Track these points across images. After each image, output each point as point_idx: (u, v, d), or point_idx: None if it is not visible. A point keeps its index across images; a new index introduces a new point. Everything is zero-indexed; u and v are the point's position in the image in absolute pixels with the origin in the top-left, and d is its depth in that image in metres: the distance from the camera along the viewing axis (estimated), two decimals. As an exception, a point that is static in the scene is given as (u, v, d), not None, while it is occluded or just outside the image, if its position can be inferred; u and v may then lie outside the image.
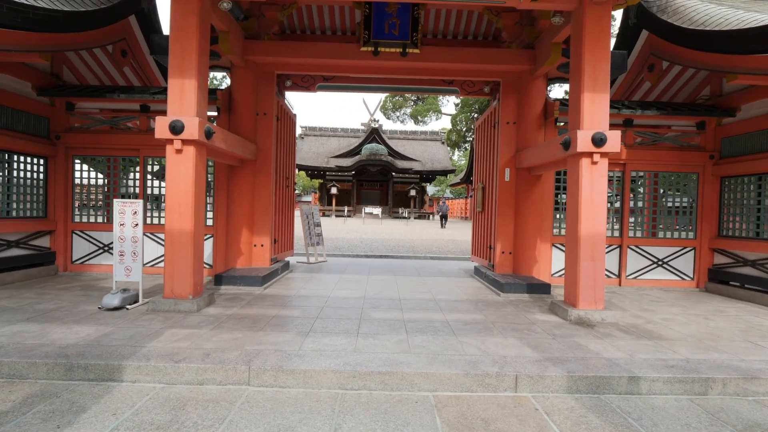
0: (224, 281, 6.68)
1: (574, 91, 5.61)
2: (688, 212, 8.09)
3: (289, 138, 9.18)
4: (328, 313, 5.38)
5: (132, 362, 3.61)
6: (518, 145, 7.70)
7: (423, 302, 6.16)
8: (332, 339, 4.35)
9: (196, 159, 5.38)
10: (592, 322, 5.29)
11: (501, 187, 7.74)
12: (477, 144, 9.65)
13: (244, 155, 7.15)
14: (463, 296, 6.69)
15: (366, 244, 15.30)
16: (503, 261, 7.73)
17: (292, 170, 9.46)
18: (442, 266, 10.27)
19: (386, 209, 39.07)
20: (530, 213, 7.61)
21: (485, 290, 7.23)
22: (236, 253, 7.52)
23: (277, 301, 6.01)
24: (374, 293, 6.71)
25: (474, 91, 9.33)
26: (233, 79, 7.63)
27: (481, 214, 8.92)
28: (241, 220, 7.54)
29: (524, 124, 7.68)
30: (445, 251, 14.08)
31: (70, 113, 7.72)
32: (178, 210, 5.34)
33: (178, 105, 5.34)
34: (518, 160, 7.60)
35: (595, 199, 5.43)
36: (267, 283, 6.95)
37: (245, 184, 7.57)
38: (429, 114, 29.61)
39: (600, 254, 5.43)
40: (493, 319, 5.32)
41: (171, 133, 5.23)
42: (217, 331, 4.51)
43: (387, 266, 9.97)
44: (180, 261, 5.34)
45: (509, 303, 6.29)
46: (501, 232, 7.73)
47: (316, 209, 10.95)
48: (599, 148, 5.31)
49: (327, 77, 9.33)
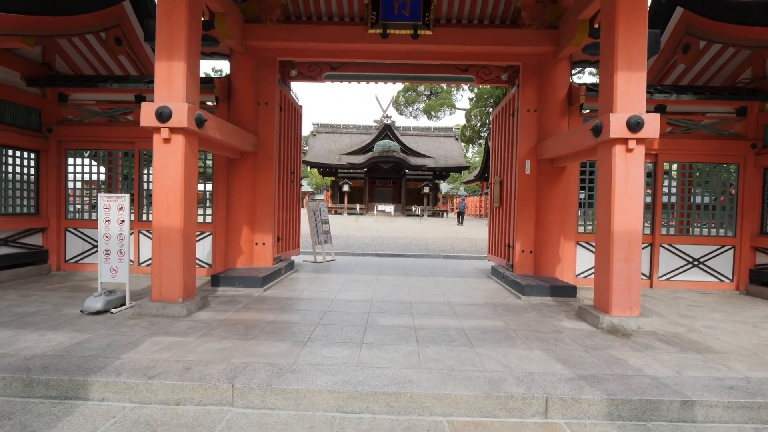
0: (222, 282, 6.21)
1: (605, 70, 5.00)
2: (727, 207, 7.38)
3: (294, 130, 8.68)
4: (330, 319, 4.86)
5: (100, 377, 3.14)
6: (540, 134, 7.09)
7: (436, 306, 5.61)
8: (332, 350, 3.83)
9: (185, 149, 4.90)
10: (627, 330, 4.68)
11: (521, 180, 7.13)
12: (494, 135, 9.04)
13: (244, 147, 6.67)
14: (480, 299, 6.11)
15: (377, 243, 14.79)
16: (523, 261, 7.13)
17: (297, 164, 8.97)
18: (457, 266, 9.70)
19: (399, 207, 38.51)
20: (553, 208, 7.00)
21: (504, 293, 6.64)
22: (236, 251, 7.05)
23: (277, 304, 5.52)
24: (383, 296, 6.18)
25: (490, 78, 8.74)
26: (232, 66, 7.15)
27: (499, 210, 8.32)
28: (241, 217, 7.07)
29: (546, 112, 7.06)
30: (460, 250, 13.49)
31: (63, 105, 7.34)
32: (167, 205, 4.87)
33: (166, 90, 4.86)
34: (540, 151, 6.99)
35: (630, 192, 4.81)
36: (268, 285, 6.46)
37: (246, 178, 7.10)
38: (442, 109, 28.90)
39: (636, 254, 4.81)
40: (514, 327, 4.74)
41: (157, 121, 4.76)
42: (204, 340, 4.02)
43: (398, 266, 9.43)
44: (169, 261, 4.88)
45: (531, 307, 5.70)
46: (521, 230, 7.13)
47: (323, 205, 10.46)
48: (635, 133, 4.69)
49: (334, 66, 8.83)
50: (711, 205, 7.50)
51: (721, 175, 7.47)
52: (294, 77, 8.73)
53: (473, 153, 64.17)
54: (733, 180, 7.44)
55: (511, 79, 8.43)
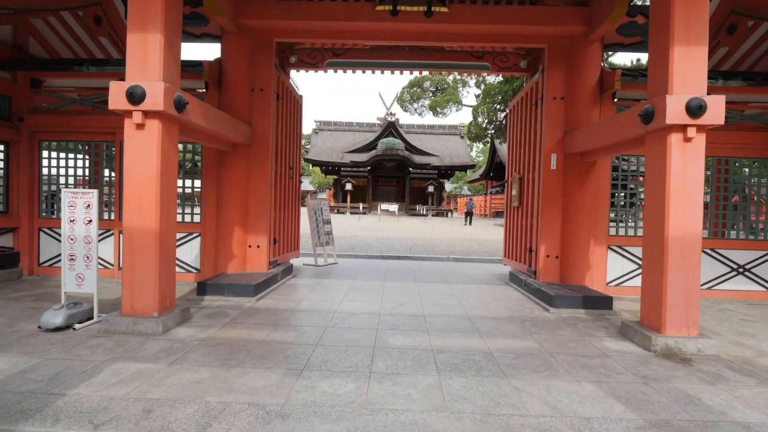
0: (209, 290, 5.48)
1: (657, 45, 4.23)
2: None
3: (294, 121, 7.94)
4: (331, 338, 4.12)
5: (30, 427, 2.40)
6: (567, 125, 6.33)
7: (454, 321, 4.86)
8: (334, 383, 3.09)
9: (162, 137, 4.16)
10: (685, 354, 3.93)
11: (546, 176, 6.37)
12: (512, 128, 8.28)
13: (236, 138, 5.93)
14: (503, 311, 5.36)
15: (382, 244, 14.04)
16: (548, 267, 6.36)
17: (297, 159, 8.23)
18: (469, 270, 8.94)
19: (403, 206, 37.73)
20: (582, 208, 6.23)
21: (528, 303, 5.88)
22: (227, 255, 6.32)
23: (270, 317, 4.78)
24: (392, 306, 5.43)
25: (508, 66, 8.02)
26: (224, 48, 6.41)
27: (518, 211, 7.56)
28: (233, 217, 6.33)
29: (575, 100, 6.29)
30: (469, 252, 12.72)
31: (36, 91, 6.61)
32: (139, 202, 4.14)
33: (139, 67, 4.13)
34: (568, 144, 6.22)
35: (688, 190, 4.05)
36: (261, 293, 5.72)
37: (238, 173, 6.36)
38: (449, 105, 28.09)
39: (694, 262, 4.05)
40: (550, 348, 3.98)
41: (128, 103, 4.03)
42: (177, 367, 3.29)
43: (406, 269, 8.68)
44: (142, 268, 4.14)
45: (563, 322, 4.95)
46: (546, 232, 6.36)
47: (325, 204, 9.72)
48: (696, 119, 3.93)
49: (337, 52, 8.12)
50: (758, 204, 6.71)
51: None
52: (294, 64, 8.03)
53: (477, 152, 63.22)
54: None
55: (531, 67, 7.69)
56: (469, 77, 29.28)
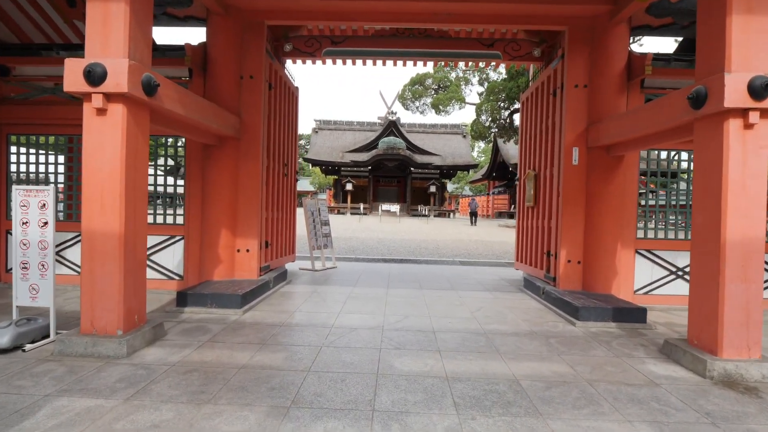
0: (190, 301, 4.86)
1: (706, 16, 3.61)
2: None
3: (289, 114, 7.33)
4: (327, 361, 3.49)
5: None
6: (590, 115, 5.70)
7: (468, 337, 4.23)
8: (328, 426, 2.46)
9: (128, 124, 3.54)
10: (748, 381, 3.30)
11: (566, 173, 5.74)
12: (525, 121, 7.65)
13: (222, 130, 5.31)
14: (522, 325, 4.73)
15: (383, 246, 13.41)
16: (569, 273, 5.73)
17: (292, 155, 7.61)
18: (478, 275, 8.31)
19: (404, 207, 37.10)
20: (607, 207, 5.60)
21: (549, 315, 5.25)
22: (213, 260, 5.69)
23: (257, 334, 4.15)
24: (396, 319, 4.80)
25: (520, 55, 7.42)
26: (210, 30, 5.79)
27: (533, 211, 6.93)
28: (220, 218, 5.71)
29: (599, 88, 5.66)
30: (476, 254, 12.10)
31: (3, 80, 6.00)
32: (100, 201, 3.52)
33: (100, 42, 3.52)
34: (592, 136, 5.59)
35: (749, 186, 3.42)
36: (249, 304, 5.10)
37: (226, 169, 5.74)
38: (451, 103, 27.46)
39: (757, 272, 3.43)
40: (587, 374, 3.35)
41: (87, 83, 3.42)
42: (135, 404, 2.66)
43: (410, 274, 8.05)
44: (103, 278, 3.52)
45: (594, 338, 4.32)
46: (567, 235, 5.73)
47: (323, 204, 9.09)
48: (760, 101, 3.30)
49: (336, 39, 7.52)
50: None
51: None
52: (289, 53, 7.42)
53: (478, 153, 62.51)
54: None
55: (546, 56, 7.09)
56: (472, 75, 28.66)
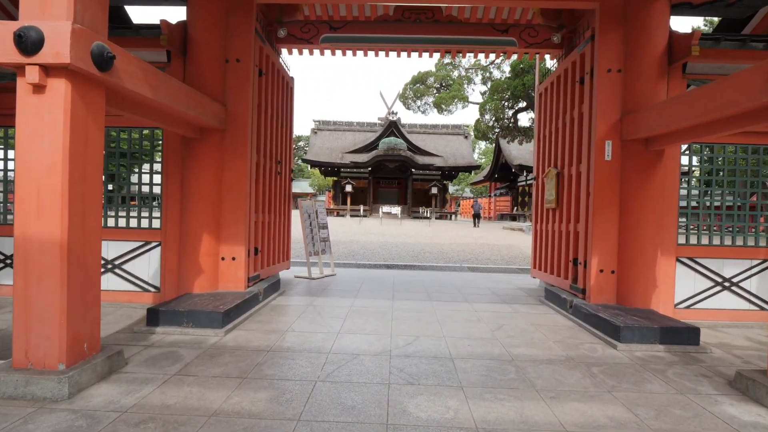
0: (162, 319, 4.13)
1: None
2: None
3: (283, 106, 6.63)
4: (322, 405, 2.76)
5: None
6: (625, 105, 4.99)
7: (494, 366, 3.50)
8: None
9: (73, 105, 2.82)
10: None
11: (598, 170, 5.02)
12: (543, 115, 6.95)
13: (203, 119, 4.60)
14: (555, 348, 4.00)
15: (385, 250, 12.69)
16: (602, 284, 5.01)
17: (287, 151, 6.90)
18: (491, 282, 7.58)
19: (405, 208, 36.35)
20: (645, 209, 4.88)
21: (582, 334, 4.52)
22: (194, 270, 4.96)
23: (238, 363, 3.42)
24: (405, 341, 4.08)
25: (537, 42, 6.81)
26: (191, 7, 5.08)
27: (555, 213, 6.22)
28: (201, 221, 4.98)
29: (636, 73, 4.95)
30: (483, 259, 11.37)
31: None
32: (36, 202, 2.79)
33: (38, 1, 2.80)
34: (628, 128, 4.88)
35: None
36: (233, 322, 4.37)
37: (208, 165, 5.02)
38: (454, 102, 26.75)
39: None
40: (653, 422, 2.63)
41: (18, 52, 2.69)
42: (56, 479, 1.94)
43: (416, 282, 7.33)
44: (41, 297, 2.80)
45: (643, 366, 3.59)
46: (599, 240, 5.01)
47: (321, 206, 8.37)
48: None
49: (335, 25, 6.88)
50: None
51: None
52: (283, 40, 6.75)
53: (479, 154, 61.69)
54: None
55: (567, 42, 6.45)
56: (475, 74, 28.02)
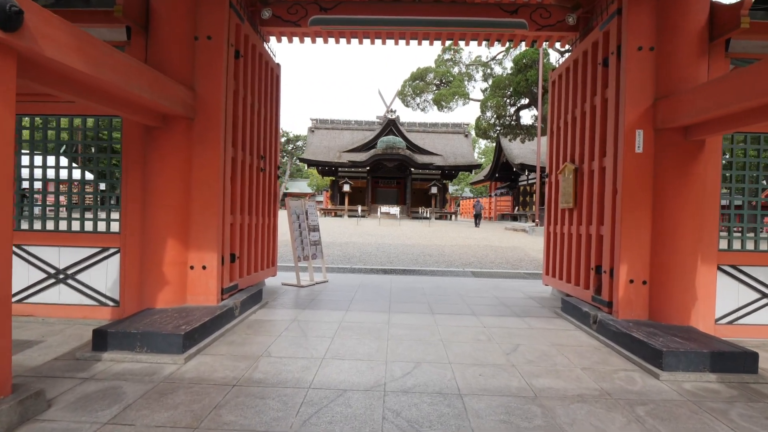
0: (111, 342, 3.42)
1: None
2: None
3: (267, 94, 5.94)
4: (291, 471, 2.06)
5: None
6: (659, 88, 4.30)
7: (515, 407, 2.80)
8: None
9: (-40, 72, 2.12)
10: None
11: (627, 164, 4.33)
12: (557, 105, 6.27)
13: (165, 105, 3.90)
14: (585, 378, 3.30)
15: (383, 253, 11.99)
16: (632, 296, 4.31)
17: (272, 146, 6.21)
18: (497, 290, 6.88)
19: (404, 209, 35.66)
20: (683, 209, 4.19)
21: (613, 357, 3.82)
22: (157, 281, 4.26)
23: (192, 405, 2.71)
24: (403, 370, 3.37)
25: (550, 24, 6.19)
26: (153, -24, 4.39)
27: (572, 214, 5.52)
28: (166, 224, 4.29)
29: (671, 51, 4.26)
30: (487, 262, 10.68)
31: None
32: None
33: None
34: (664, 115, 4.18)
35: None
36: (198, 345, 3.65)
37: (174, 159, 4.32)
38: (454, 99, 26.04)
39: None
40: (741, 501, 1.94)
41: None
42: None
43: (415, 291, 6.63)
44: None
45: (698, 404, 2.89)
46: (628, 245, 4.31)
47: (311, 207, 7.67)
48: None
49: (325, 5, 6.28)
50: None
51: None
52: (268, 21, 6.11)
53: (478, 154, 60.99)
54: None
55: (583, 24, 5.81)
56: (475, 70, 27.34)
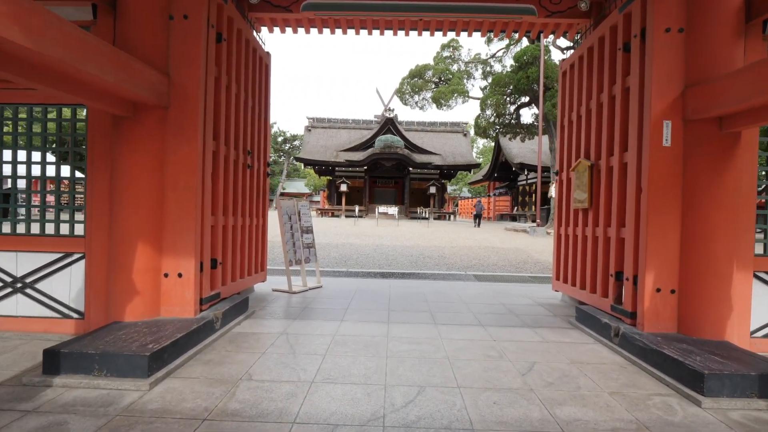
0: (64, 365, 2.94)
1: None
2: None
3: (255, 84, 5.46)
4: None
5: None
6: (689, 74, 3.85)
7: (537, 445, 2.34)
8: None
9: None
10: None
11: (654, 159, 3.87)
12: (568, 97, 5.82)
13: (132, 90, 3.42)
14: (615, 406, 2.84)
15: (381, 254, 11.52)
16: (659, 307, 3.85)
17: (261, 141, 5.74)
18: (504, 296, 6.42)
19: (402, 209, 35.19)
20: (717, 210, 3.74)
21: (642, 378, 3.36)
22: (127, 290, 3.78)
23: (151, 445, 2.25)
24: (405, 398, 2.90)
25: (560, 10, 5.84)
26: (122, -53, 3.91)
27: (588, 215, 5.07)
28: (137, 226, 3.81)
29: (703, 33, 3.81)
30: (490, 265, 10.23)
31: None
32: None
33: None
34: (696, 103, 3.73)
35: None
36: (167, 367, 3.17)
37: (145, 153, 3.84)
38: (454, 97, 25.56)
39: None
40: None
41: None
42: None
43: (416, 296, 6.16)
44: None
45: (755, 441, 2.44)
46: (654, 250, 3.86)
47: (305, 207, 7.19)
48: None
49: (318, -11, 5.70)
50: None
51: None
52: (257, 7, 5.69)
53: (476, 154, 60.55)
54: None
55: (597, 11, 5.43)
56: (475, 68, 26.90)
